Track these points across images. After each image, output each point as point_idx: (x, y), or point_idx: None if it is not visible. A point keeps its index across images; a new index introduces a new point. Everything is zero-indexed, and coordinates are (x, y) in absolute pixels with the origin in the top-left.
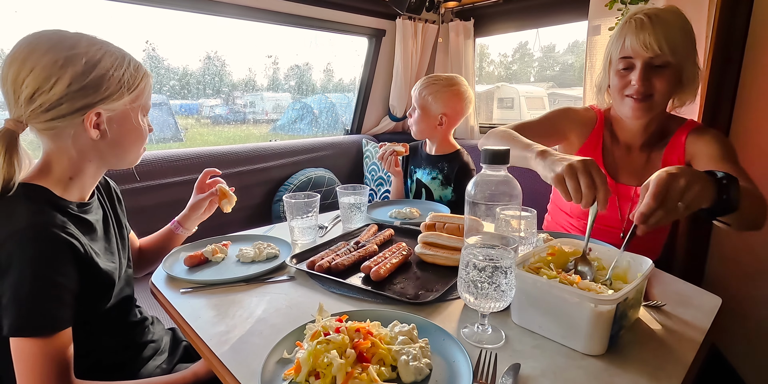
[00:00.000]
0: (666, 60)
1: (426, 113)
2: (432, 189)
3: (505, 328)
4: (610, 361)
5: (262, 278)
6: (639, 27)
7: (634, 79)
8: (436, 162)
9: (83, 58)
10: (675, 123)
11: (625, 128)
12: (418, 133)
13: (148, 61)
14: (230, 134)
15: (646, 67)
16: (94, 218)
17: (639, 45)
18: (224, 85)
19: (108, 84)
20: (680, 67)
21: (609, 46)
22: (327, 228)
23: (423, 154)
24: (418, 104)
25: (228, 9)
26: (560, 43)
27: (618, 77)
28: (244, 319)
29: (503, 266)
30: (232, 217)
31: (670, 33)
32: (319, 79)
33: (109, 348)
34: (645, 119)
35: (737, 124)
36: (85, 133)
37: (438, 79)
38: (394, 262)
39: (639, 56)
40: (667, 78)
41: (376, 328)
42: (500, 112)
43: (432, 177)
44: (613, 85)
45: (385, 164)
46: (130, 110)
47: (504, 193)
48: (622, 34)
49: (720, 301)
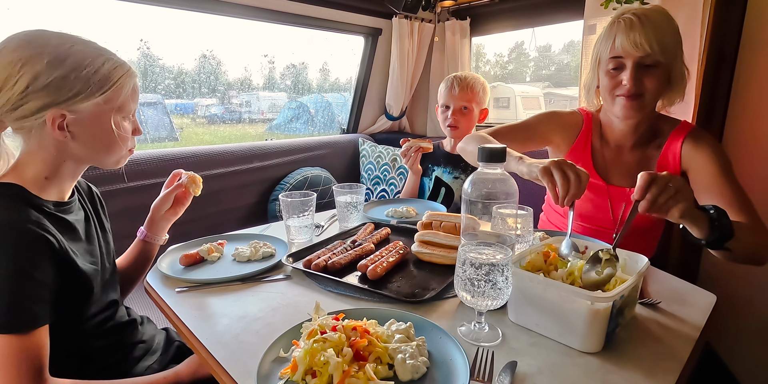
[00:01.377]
0: (656, 59)
1: (476, 109)
2: (454, 188)
3: (502, 326)
4: (606, 359)
5: (258, 277)
6: (629, 27)
7: (625, 78)
8: (459, 161)
9: (46, 58)
10: (667, 123)
11: (615, 129)
12: (465, 131)
13: (142, 60)
14: (226, 133)
15: (637, 66)
16: (74, 218)
17: (629, 44)
18: (220, 84)
19: (72, 84)
20: (669, 66)
21: (597, 46)
22: (323, 227)
23: (442, 152)
24: (472, 100)
25: (224, 7)
26: (556, 43)
27: (608, 77)
28: (240, 318)
29: (500, 264)
30: (228, 217)
31: (659, 33)
32: (315, 79)
33: (98, 350)
34: (636, 119)
35: (731, 123)
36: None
37: (475, 76)
38: (390, 261)
39: (629, 56)
40: (657, 77)
41: (373, 327)
42: (496, 111)
43: (454, 176)
44: (603, 86)
45: (409, 161)
46: (102, 112)
47: (501, 192)
48: (612, 34)
49: (715, 299)
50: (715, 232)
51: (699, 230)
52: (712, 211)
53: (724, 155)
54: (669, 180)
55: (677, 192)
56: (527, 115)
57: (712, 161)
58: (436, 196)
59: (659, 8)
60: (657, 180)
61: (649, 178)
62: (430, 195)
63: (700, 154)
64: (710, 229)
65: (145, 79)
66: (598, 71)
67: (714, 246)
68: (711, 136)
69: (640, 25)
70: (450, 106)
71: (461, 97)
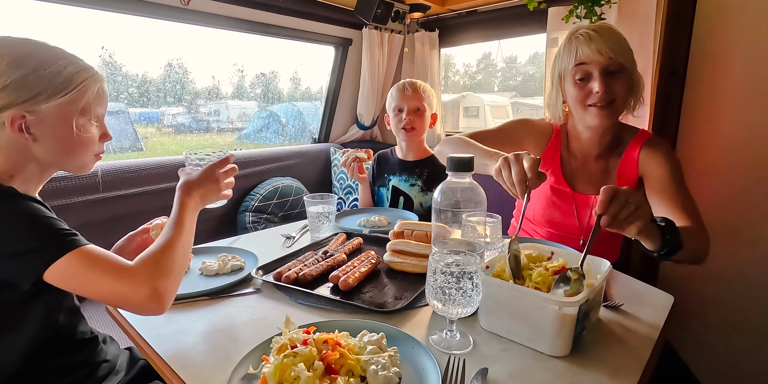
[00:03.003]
0: (620, 63)
1: (428, 113)
2: (411, 196)
3: (474, 333)
4: (573, 362)
5: (227, 291)
6: (588, 38)
7: (596, 86)
8: (413, 168)
9: (6, 60)
10: (627, 132)
11: (582, 140)
12: (422, 132)
13: (103, 68)
14: (193, 143)
15: (603, 73)
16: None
17: (593, 52)
18: (187, 93)
19: (32, 85)
20: (630, 72)
21: (557, 62)
22: (294, 238)
23: (395, 160)
24: (425, 101)
25: (193, 16)
26: (522, 55)
27: (577, 88)
28: (208, 334)
29: (469, 272)
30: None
31: (616, 41)
32: (286, 87)
33: (62, 368)
34: (608, 125)
35: (684, 130)
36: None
37: (419, 81)
38: (362, 271)
39: (595, 63)
40: (623, 82)
41: (345, 339)
42: (466, 120)
43: (410, 184)
44: (573, 97)
45: (349, 171)
46: (65, 114)
47: (469, 200)
48: (572, 48)
49: (672, 299)
50: (666, 246)
51: (652, 244)
52: (663, 224)
53: (676, 162)
54: (629, 196)
55: (637, 208)
56: (496, 124)
57: (665, 168)
58: (396, 206)
59: (606, 24)
60: (617, 195)
61: (611, 193)
62: (389, 205)
63: (654, 161)
64: (662, 243)
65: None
66: (563, 86)
67: (663, 258)
68: (666, 144)
69: (598, 35)
70: (404, 109)
71: (415, 97)
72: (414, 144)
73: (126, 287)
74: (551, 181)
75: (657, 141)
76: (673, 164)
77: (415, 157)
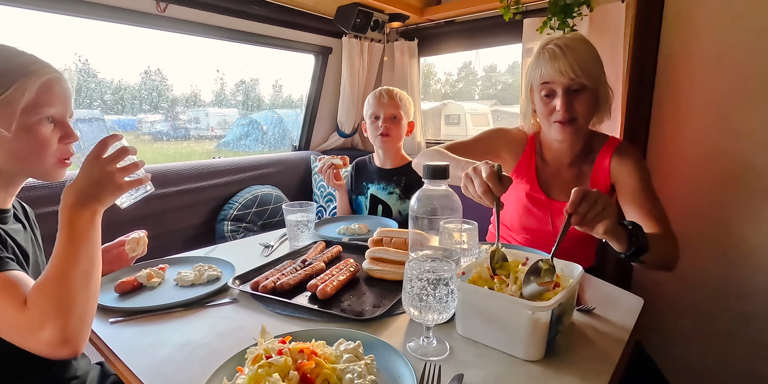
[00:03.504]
0: (582, 83)
1: (405, 119)
2: (390, 204)
3: (450, 339)
4: (547, 365)
5: (203, 302)
6: (552, 56)
7: (558, 104)
8: (391, 176)
9: None
10: (597, 140)
11: (554, 149)
12: (398, 139)
13: (75, 75)
14: (171, 151)
15: (566, 92)
16: (10, 228)
17: (555, 72)
18: (166, 100)
19: None
20: (595, 89)
21: (528, 74)
22: (273, 247)
23: (373, 168)
24: (401, 109)
25: (168, 23)
26: (501, 64)
27: (543, 104)
28: (182, 346)
29: (445, 278)
30: (172, 239)
31: (580, 59)
32: (267, 95)
33: None
34: (572, 141)
35: (653, 138)
36: None
37: (396, 89)
38: (341, 280)
39: (557, 82)
40: (586, 101)
41: (321, 348)
42: (447, 128)
43: (389, 192)
44: (540, 112)
45: (325, 178)
46: (10, 112)
47: (445, 207)
48: (539, 64)
49: (642, 302)
50: (632, 247)
51: (619, 245)
52: (631, 227)
53: (645, 169)
54: (598, 197)
55: (604, 209)
56: (477, 132)
57: (635, 176)
58: (375, 214)
59: (578, 36)
60: (587, 196)
61: (581, 194)
62: (368, 213)
63: (625, 169)
64: (628, 245)
65: (79, 95)
66: (533, 97)
67: (630, 259)
68: (635, 151)
69: (562, 54)
70: (380, 116)
71: (391, 105)
72: (391, 151)
73: (23, 330)
74: (527, 189)
75: (627, 148)
76: (642, 172)
77: (392, 165)
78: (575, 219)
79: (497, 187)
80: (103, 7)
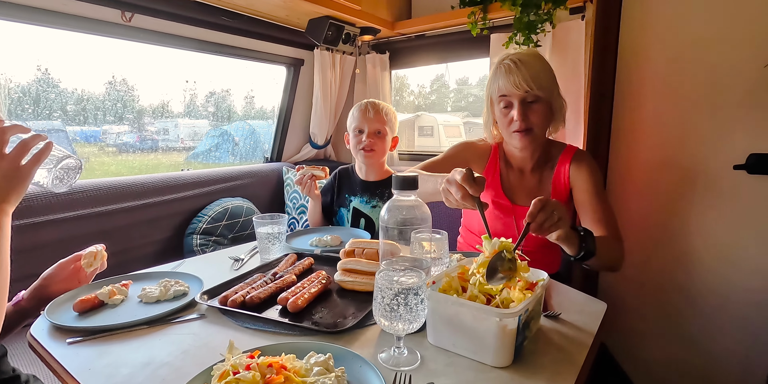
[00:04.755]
0: (536, 95)
1: (390, 134)
2: (373, 218)
3: (421, 349)
4: (515, 371)
5: (168, 319)
6: (507, 71)
7: (515, 115)
8: (375, 189)
9: None
10: (555, 148)
11: (516, 157)
12: (381, 154)
13: (34, 84)
14: (136, 163)
15: (522, 103)
16: None
17: (511, 85)
18: (132, 111)
19: None
20: (549, 100)
21: (488, 88)
22: (243, 260)
23: (357, 180)
24: (386, 124)
25: (134, 33)
26: (472, 77)
27: (502, 115)
28: (145, 365)
29: (414, 288)
30: (137, 254)
31: (534, 73)
32: (239, 106)
33: None
34: (531, 149)
35: (614, 147)
36: None
37: (386, 103)
38: (312, 292)
39: (513, 95)
40: (540, 111)
41: (291, 362)
42: (421, 139)
43: (372, 206)
44: (500, 122)
45: (305, 189)
46: None
47: (415, 217)
48: (496, 78)
49: (605, 307)
50: (581, 251)
51: (570, 249)
52: (583, 234)
53: (598, 177)
54: (555, 208)
55: (559, 219)
56: (450, 143)
57: (589, 183)
58: (357, 227)
59: (533, 52)
60: (545, 207)
61: (540, 205)
62: (350, 226)
63: (580, 175)
64: (579, 249)
65: (38, 106)
66: (493, 109)
67: (580, 261)
68: (591, 159)
69: (517, 68)
70: (364, 130)
71: (376, 120)
72: (375, 166)
73: None
74: (492, 196)
75: (583, 155)
76: (595, 179)
77: (375, 178)
78: (533, 227)
79: (474, 188)
80: (66, 16)
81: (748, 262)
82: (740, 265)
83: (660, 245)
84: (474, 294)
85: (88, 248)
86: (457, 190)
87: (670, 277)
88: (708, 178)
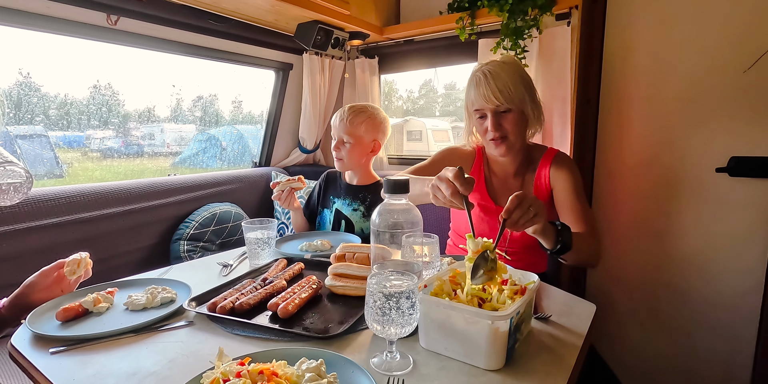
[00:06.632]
0: (506, 106)
1: (360, 141)
2: (353, 221)
3: (414, 353)
4: (507, 374)
5: (155, 326)
6: (477, 84)
7: (489, 125)
8: (357, 193)
9: None
10: (537, 151)
11: (499, 161)
12: (350, 164)
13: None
14: (121, 169)
15: (494, 114)
16: None
17: (482, 98)
18: (117, 116)
19: None
20: (521, 108)
21: (466, 97)
22: (232, 266)
23: (343, 183)
24: (352, 133)
25: (120, 36)
26: (460, 81)
27: (479, 124)
28: (131, 375)
29: (406, 291)
30: (123, 261)
31: (502, 85)
32: (227, 110)
33: None
34: (509, 156)
35: (600, 150)
36: None
37: (364, 107)
38: (303, 297)
39: (485, 107)
40: (513, 120)
41: (282, 368)
42: (409, 144)
43: (353, 208)
44: (477, 130)
45: (284, 203)
46: None
47: (406, 221)
48: (470, 90)
49: (594, 308)
50: (557, 245)
51: (547, 242)
52: (560, 228)
53: (578, 177)
54: (531, 204)
55: (535, 215)
56: (438, 147)
57: (568, 183)
58: (338, 230)
59: (508, 60)
60: (522, 203)
61: (516, 202)
62: (331, 228)
63: (561, 176)
64: (555, 243)
65: (20, 110)
66: (472, 117)
67: (556, 255)
68: (570, 161)
69: (486, 82)
70: (336, 138)
71: (341, 128)
72: (356, 171)
73: None
74: (477, 198)
75: (563, 158)
76: (574, 180)
77: (359, 182)
78: (508, 223)
79: (464, 186)
80: (49, 19)
81: (732, 261)
82: (724, 265)
83: (646, 246)
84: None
85: (72, 256)
86: (447, 187)
87: (655, 276)
88: (691, 180)
